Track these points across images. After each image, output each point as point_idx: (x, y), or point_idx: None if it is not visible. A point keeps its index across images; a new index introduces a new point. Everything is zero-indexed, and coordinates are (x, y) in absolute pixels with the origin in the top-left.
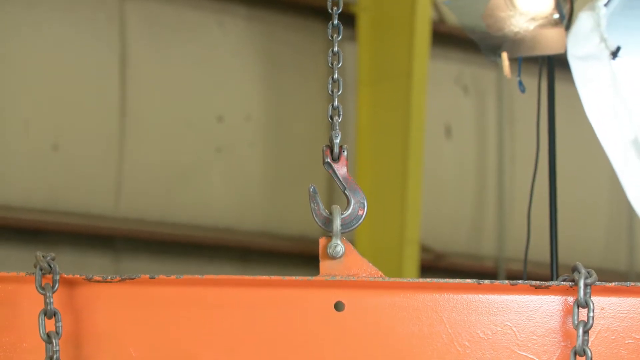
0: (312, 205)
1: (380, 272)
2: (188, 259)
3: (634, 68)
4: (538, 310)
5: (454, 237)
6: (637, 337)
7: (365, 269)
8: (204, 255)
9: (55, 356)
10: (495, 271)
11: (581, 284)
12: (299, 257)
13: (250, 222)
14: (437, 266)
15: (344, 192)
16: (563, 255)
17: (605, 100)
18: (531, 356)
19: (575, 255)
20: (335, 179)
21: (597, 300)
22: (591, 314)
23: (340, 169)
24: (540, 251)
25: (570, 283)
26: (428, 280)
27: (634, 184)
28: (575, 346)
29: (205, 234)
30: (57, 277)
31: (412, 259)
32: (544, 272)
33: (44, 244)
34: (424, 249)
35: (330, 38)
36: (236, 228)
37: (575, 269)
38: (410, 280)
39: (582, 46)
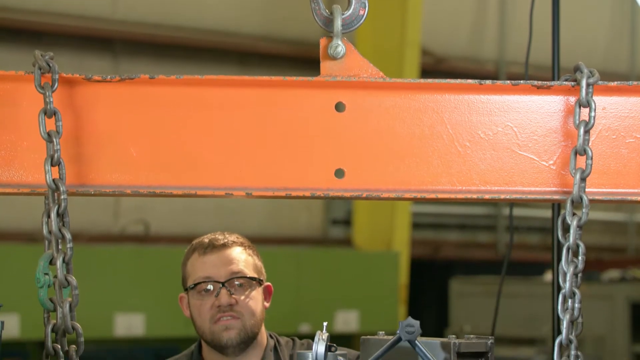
0: (313, 5)
1: (381, 73)
2: (187, 62)
3: None
4: (539, 110)
5: (455, 40)
6: (638, 135)
7: (366, 69)
8: (203, 58)
9: (56, 155)
10: (496, 75)
11: (583, 83)
12: (299, 60)
13: (249, 24)
14: (437, 70)
15: None
16: (564, 59)
17: None
18: (532, 156)
19: (577, 59)
20: None
21: (598, 100)
22: (592, 114)
23: None
24: (541, 54)
25: (573, 83)
26: (429, 80)
27: None
28: (575, 146)
29: (204, 37)
30: (56, 76)
31: (412, 62)
32: (546, 74)
33: (43, 46)
34: (425, 52)
35: None
36: (235, 31)
37: (577, 69)
38: (412, 80)
39: None
